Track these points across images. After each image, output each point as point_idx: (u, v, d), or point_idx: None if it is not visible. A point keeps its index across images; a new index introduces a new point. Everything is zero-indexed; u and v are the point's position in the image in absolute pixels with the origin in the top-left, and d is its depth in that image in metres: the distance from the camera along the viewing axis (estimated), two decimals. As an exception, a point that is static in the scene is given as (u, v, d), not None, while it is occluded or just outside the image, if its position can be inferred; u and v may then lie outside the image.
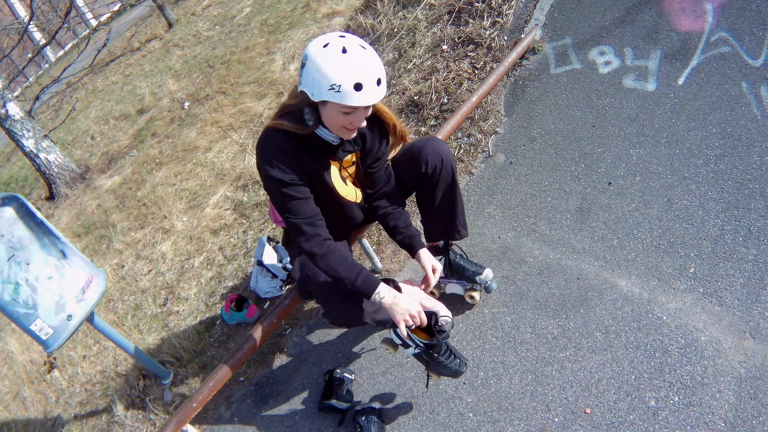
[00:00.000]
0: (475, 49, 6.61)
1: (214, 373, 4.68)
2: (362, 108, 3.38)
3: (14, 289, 4.55)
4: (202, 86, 11.39)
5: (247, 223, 7.22)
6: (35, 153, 10.99)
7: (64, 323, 4.77)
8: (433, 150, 3.98)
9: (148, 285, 7.48)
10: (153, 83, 13.50)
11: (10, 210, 4.63)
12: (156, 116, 11.73)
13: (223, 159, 8.87)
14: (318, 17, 10.97)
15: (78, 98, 16.32)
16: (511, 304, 4.50)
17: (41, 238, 4.76)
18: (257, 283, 5.93)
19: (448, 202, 4.23)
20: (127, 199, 9.58)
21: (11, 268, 4.54)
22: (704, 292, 4.12)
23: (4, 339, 8.62)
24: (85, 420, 6.39)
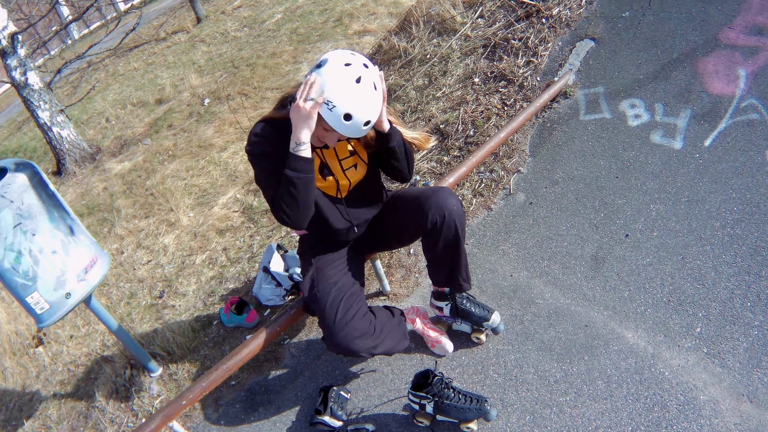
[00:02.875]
0: (506, 86, 6.59)
1: (208, 373, 4.61)
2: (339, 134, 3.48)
3: (16, 257, 4.49)
4: (225, 85, 11.43)
5: (254, 228, 7.21)
6: (48, 126, 11.03)
7: (61, 300, 4.69)
8: (437, 205, 3.93)
9: (146, 275, 7.46)
10: (175, 75, 13.56)
11: (23, 177, 4.56)
12: (174, 108, 11.77)
13: (237, 161, 8.87)
14: (349, 33, 11.05)
15: (98, 79, 16.33)
16: (516, 343, 4.47)
17: (51, 210, 4.69)
18: (260, 289, 5.90)
19: (450, 258, 4.19)
20: (135, 187, 9.59)
21: (16, 236, 4.47)
22: (708, 353, 4.09)
23: (-8, 306, 8.52)
24: (64, 400, 6.35)
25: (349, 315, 3.88)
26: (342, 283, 4.07)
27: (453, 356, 4.52)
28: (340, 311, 3.88)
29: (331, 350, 3.96)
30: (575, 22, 6.97)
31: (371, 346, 3.96)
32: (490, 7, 7.47)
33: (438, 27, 7.74)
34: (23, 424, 6.39)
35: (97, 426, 5.72)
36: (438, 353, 4.58)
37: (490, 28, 7.25)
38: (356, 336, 3.86)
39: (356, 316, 3.90)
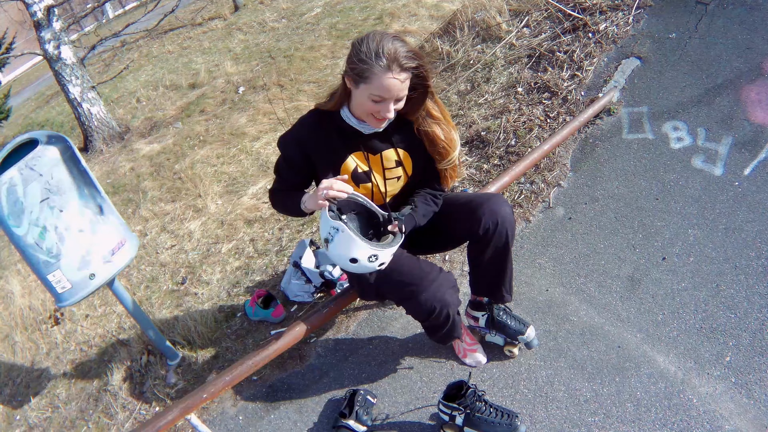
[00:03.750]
0: (550, 98, 6.54)
1: (233, 368, 4.56)
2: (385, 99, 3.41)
3: (40, 233, 4.42)
4: (261, 75, 11.36)
5: (284, 221, 7.13)
6: (78, 102, 11.04)
7: (85, 281, 4.61)
8: (491, 211, 3.88)
9: (169, 260, 7.40)
10: (210, 61, 13.55)
11: (54, 150, 4.48)
12: (208, 94, 11.73)
13: (269, 151, 8.82)
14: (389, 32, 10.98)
15: (131, 59, 16.35)
16: (548, 360, 4.42)
17: (81, 187, 4.60)
18: (289, 284, 5.81)
19: (496, 266, 4.15)
20: (162, 169, 9.55)
21: (42, 211, 4.40)
22: (735, 382, 4.04)
23: (7, 278, 8.61)
24: (74, 380, 6.30)
25: (434, 270, 3.83)
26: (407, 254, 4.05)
27: (484, 368, 4.46)
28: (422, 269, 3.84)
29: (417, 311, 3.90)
30: (622, 39, 6.92)
31: (458, 303, 3.93)
32: (536, 18, 7.43)
33: (482, 33, 7.69)
34: (29, 401, 6.35)
35: (108, 410, 5.67)
36: (469, 364, 4.51)
37: (536, 38, 7.21)
38: (449, 286, 3.82)
39: (442, 271, 3.85)
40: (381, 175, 3.89)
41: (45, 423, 6.00)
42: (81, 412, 5.86)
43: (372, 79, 3.33)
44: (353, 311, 5.40)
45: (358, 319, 5.34)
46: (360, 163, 3.80)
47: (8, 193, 4.30)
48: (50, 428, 5.90)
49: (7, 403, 6.59)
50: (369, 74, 3.33)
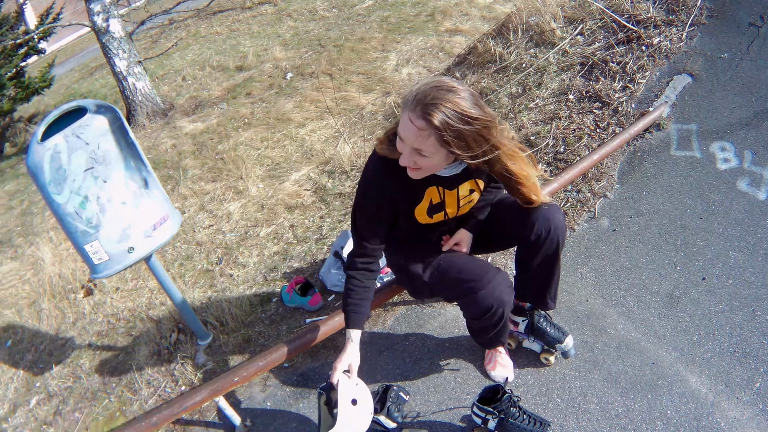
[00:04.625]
0: (601, 108, 6.50)
1: (268, 353, 4.54)
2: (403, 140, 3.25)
3: (81, 202, 4.37)
4: (309, 62, 11.36)
5: (326, 209, 7.12)
6: (124, 75, 11.06)
7: (123, 254, 4.58)
8: (545, 217, 3.83)
9: (206, 239, 7.41)
10: (258, 45, 13.53)
11: (103, 120, 4.42)
12: (255, 77, 11.71)
13: (314, 139, 8.80)
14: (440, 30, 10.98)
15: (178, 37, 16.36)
16: (584, 371, 4.40)
17: (128, 159, 4.56)
18: (328, 273, 5.79)
19: (544, 274, 4.13)
20: (205, 149, 9.55)
21: (85, 180, 4.35)
22: (763, 409, 4.00)
23: (38, 245, 8.65)
24: (99, 351, 6.32)
25: (492, 268, 3.81)
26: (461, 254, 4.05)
27: (519, 374, 4.44)
28: (481, 266, 3.83)
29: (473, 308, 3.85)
30: (674, 54, 6.87)
31: (511, 303, 3.91)
32: (591, 26, 7.40)
33: (536, 38, 7.66)
34: (51, 369, 6.37)
35: (132, 385, 5.68)
36: (494, 376, 4.47)
37: (590, 47, 7.18)
38: (506, 285, 3.79)
39: (499, 270, 3.82)
40: (455, 206, 3.85)
41: (65, 392, 6.00)
42: (104, 385, 5.87)
43: (401, 114, 3.23)
44: (391, 306, 5.39)
45: (396, 314, 5.33)
46: (434, 196, 3.74)
47: (51, 159, 4.28)
48: (70, 398, 5.90)
49: (28, 369, 6.60)
50: (402, 110, 3.24)
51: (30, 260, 8.58)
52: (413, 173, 3.42)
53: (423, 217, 3.80)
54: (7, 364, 6.87)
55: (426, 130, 3.08)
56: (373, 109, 9.05)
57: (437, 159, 3.26)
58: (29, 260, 8.60)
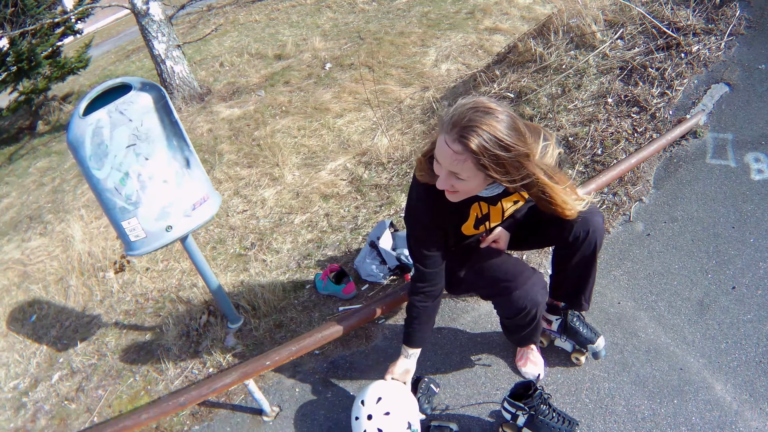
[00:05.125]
0: (639, 113, 6.49)
1: (300, 338, 4.58)
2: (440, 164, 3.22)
3: (121, 179, 4.38)
4: (348, 54, 11.38)
5: (361, 200, 7.12)
6: (162, 58, 11.09)
7: (160, 232, 4.59)
8: (584, 219, 3.80)
9: (239, 224, 7.42)
10: (297, 35, 13.56)
11: (147, 98, 4.41)
12: (293, 66, 11.74)
13: (352, 130, 8.80)
14: (479, 28, 10.97)
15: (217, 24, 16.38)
16: (613, 372, 4.40)
17: (170, 138, 4.57)
18: (363, 263, 5.79)
19: (580, 275, 4.15)
20: (241, 135, 9.58)
21: (127, 157, 4.35)
22: (786, 421, 4.01)
23: (69, 222, 8.71)
24: (126, 330, 6.37)
25: (528, 269, 3.84)
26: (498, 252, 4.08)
27: (549, 372, 4.46)
28: (516, 266, 3.87)
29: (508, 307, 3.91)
30: (712, 63, 6.85)
31: (545, 303, 3.97)
32: (631, 31, 7.37)
33: (576, 39, 7.63)
34: (76, 345, 6.43)
35: (158, 365, 5.72)
36: (525, 373, 4.46)
37: (629, 51, 7.16)
38: (541, 286, 3.82)
39: (535, 270, 3.86)
40: (500, 217, 3.88)
41: (89, 369, 6.05)
42: (129, 363, 5.91)
43: (438, 137, 3.18)
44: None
45: None
46: (478, 211, 3.75)
47: (93, 134, 4.29)
48: (94, 375, 5.95)
49: (52, 344, 6.66)
50: (438, 131, 3.18)
51: (59, 237, 8.64)
52: (451, 196, 3.42)
53: (469, 230, 3.84)
54: (31, 339, 6.94)
55: (462, 154, 3.04)
56: (412, 103, 9.04)
57: (475, 182, 3.24)
58: (59, 237, 8.66)
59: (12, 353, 6.88)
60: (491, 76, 8.21)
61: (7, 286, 8.07)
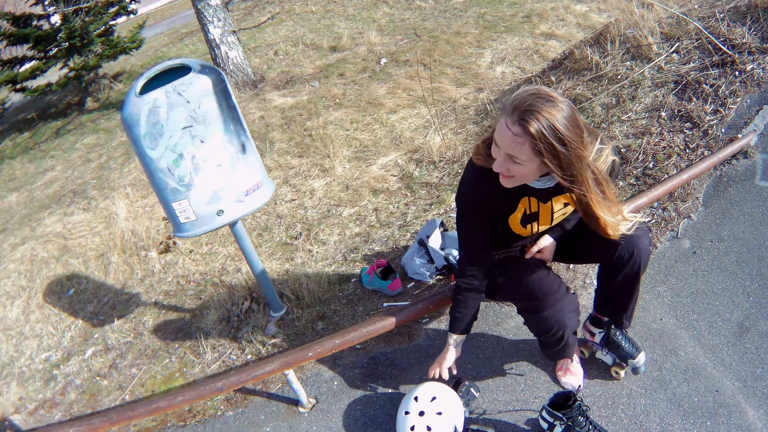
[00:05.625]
0: (691, 128, 6.43)
1: (345, 332, 4.58)
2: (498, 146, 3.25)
3: (175, 160, 4.40)
4: (404, 50, 11.36)
5: (411, 197, 7.11)
6: (217, 43, 11.08)
7: (211, 216, 4.60)
8: (630, 240, 3.75)
9: (286, 213, 7.45)
10: (353, 28, 13.54)
11: (206, 80, 4.42)
12: (348, 59, 11.73)
13: (404, 126, 8.78)
14: (536, 32, 10.94)
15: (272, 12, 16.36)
16: (650, 389, 4.36)
17: (228, 122, 4.57)
18: (411, 260, 5.78)
19: (623, 294, 4.12)
20: (293, 124, 9.58)
21: (182, 138, 4.36)
22: (814, 453, 3.96)
23: (114, 199, 8.76)
24: (165, 311, 6.40)
25: (561, 290, 3.83)
26: (540, 263, 4.05)
27: (587, 384, 4.45)
28: (551, 285, 3.83)
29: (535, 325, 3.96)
30: (765, 83, 6.75)
31: (576, 326, 3.97)
32: (686, 45, 7.32)
33: (632, 50, 7.58)
34: (113, 322, 6.49)
35: (195, 347, 5.74)
36: (564, 383, 4.44)
37: (684, 66, 7.11)
38: (571, 309, 3.83)
39: (568, 292, 3.86)
40: (548, 219, 3.85)
41: (124, 347, 6.10)
42: (165, 344, 5.95)
43: (498, 120, 3.20)
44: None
45: None
46: (527, 207, 3.73)
47: (149, 113, 4.30)
48: (129, 353, 6.00)
49: (88, 319, 6.71)
50: (499, 115, 3.21)
51: (103, 213, 8.70)
52: (506, 181, 3.41)
53: (517, 226, 3.82)
54: (67, 313, 7.00)
55: (521, 137, 3.06)
56: (466, 103, 9.00)
57: (530, 168, 3.24)
58: (102, 213, 8.71)
59: (46, 325, 6.96)
60: (546, 81, 8.20)
61: (47, 259, 8.12)
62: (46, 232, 8.84)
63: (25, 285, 7.80)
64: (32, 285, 7.76)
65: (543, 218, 3.81)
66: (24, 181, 11.88)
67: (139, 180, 9.25)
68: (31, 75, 14.48)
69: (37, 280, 7.78)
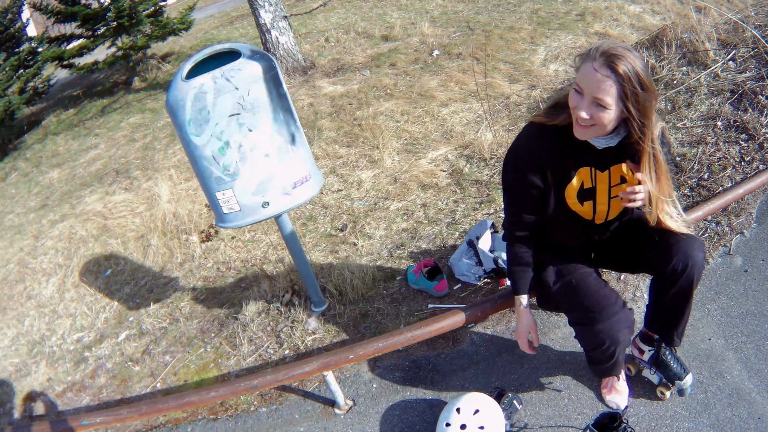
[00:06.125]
0: (747, 140, 6.28)
1: (389, 335, 4.47)
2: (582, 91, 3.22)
3: (221, 148, 4.31)
4: (457, 43, 11.19)
5: (461, 194, 6.94)
6: (268, 28, 10.97)
7: (256, 207, 4.50)
8: (684, 252, 3.66)
9: (332, 203, 7.35)
10: (405, 18, 13.42)
11: (256, 66, 4.28)
12: (400, 49, 11.61)
13: (456, 120, 8.60)
14: (589, 31, 10.78)
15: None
16: (694, 412, 4.24)
17: (277, 111, 4.42)
18: (459, 261, 5.63)
19: (675, 310, 3.99)
20: (343, 113, 9.44)
21: (229, 126, 4.25)
22: None
23: (157, 180, 8.70)
24: (203, 297, 6.35)
25: (618, 304, 3.72)
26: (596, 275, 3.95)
27: (631, 403, 4.33)
28: (607, 298, 3.73)
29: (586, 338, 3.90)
30: (823, 99, 6.59)
31: (628, 343, 3.90)
32: (743, 53, 7.19)
33: (689, 56, 7.46)
34: (149, 305, 6.45)
35: (232, 339, 5.68)
36: (608, 401, 4.34)
37: (741, 74, 6.96)
38: (625, 325, 3.73)
39: (624, 307, 3.75)
40: (606, 194, 3.74)
41: (159, 332, 6.06)
42: (201, 333, 5.89)
43: (580, 68, 3.21)
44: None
45: None
46: (585, 179, 3.66)
47: (195, 99, 4.21)
48: (163, 339, 5.95)
49: (124, 302, 6.69)
50: (580, 64, 3.22)
51: (145, 194, 8.65)
52: (582, 131, 3.37)
53: (573, 200, 3.72)
54: (102, 293, 6.99)
55: (610, 78, 3.08)
56: (518, 100, 8.85)
57: (612, 114, 3.21)
58: (144, 194, 8.67)
59: (81, 305, 6.95)
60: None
61: (85, 237, 8.11)
62: (86, 210, 8.83)
63: (62, 263, 7.80)
64: (69, 263, 7.75)
65: (600, 193, 3.71)
66: (67, 158, 11.88)
67: (183, 162, 9.20)
68: (78, 53, 14.54)
69: (75, 259, 7.78)
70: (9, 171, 12.47)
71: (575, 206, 3.75)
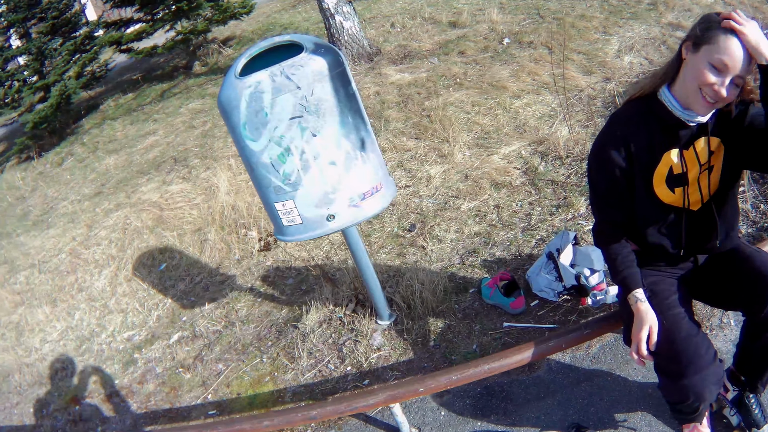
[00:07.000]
0: None
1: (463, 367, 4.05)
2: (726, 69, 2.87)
3: (281, 154, 3.97)
4: (527, 31, 10.94)
5: (536, 195, 6.59)
6: (332, 12, 10.82)
7: (320, 221, 4.15)
8: None
9: (400, 200, 7.07)
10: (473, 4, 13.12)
11: (321, 62, 3.90)
12: (469, 36, 11.33)
13: (529, 113, 8.28)
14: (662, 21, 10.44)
15: (387, -16, 16.21)
16: None
17: (345, 113, 4.05)
18: (537, 275, 5.28)
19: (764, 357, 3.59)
20: (411, 103, 9.19)
21: (290, 130, 3.91)
22: None
23: (215, 170, 8.56)
24: (261, 300, 6.13)
25: (708, 356, 3.33)
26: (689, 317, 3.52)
27: (709, 446, 4.02)
28: (698, 348, 3.33)
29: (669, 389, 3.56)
30: None
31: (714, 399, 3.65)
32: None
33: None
34: (204, 305, 6.29)
35: (290, 350, 5.42)
36: None
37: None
38: (713, 381, 3.34)
39: (714, 360, 3.35)
40: (697, 174, 3.35)
41: (213, 336, 5.88)
42: (258, 340, 5.68)
43: (717, 40, 2.84)
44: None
45: (603, 341, 4.81)
46: (674, 164, 3.30)
47: (251, 99, 3.87)
48: (217, 344, 5.76)
49: (178, 299, 6.55)
50: (714, 34, 2.85)
51: (203, 185, 8.53)
52: (709, 108, 3.06)
53: (662, 187, 3.37)
54: (156, 289, 6.88)
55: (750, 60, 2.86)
56: (592, 93, 8.52)
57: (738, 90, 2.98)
58: (202, 185, 8.55)
59: (133, 300, 6.87)
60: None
61: (140, 229, 8.05)
62: (142, 199, 8.80)
63: (115, 254, 7.77)
64: (122, 255, 7.71)
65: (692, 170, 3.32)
66: (124, 144, 11.95)
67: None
68: (137, 37, 14.84)
69: (128, 251, 7.74)
70: (65, 156, 12.59)
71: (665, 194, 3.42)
